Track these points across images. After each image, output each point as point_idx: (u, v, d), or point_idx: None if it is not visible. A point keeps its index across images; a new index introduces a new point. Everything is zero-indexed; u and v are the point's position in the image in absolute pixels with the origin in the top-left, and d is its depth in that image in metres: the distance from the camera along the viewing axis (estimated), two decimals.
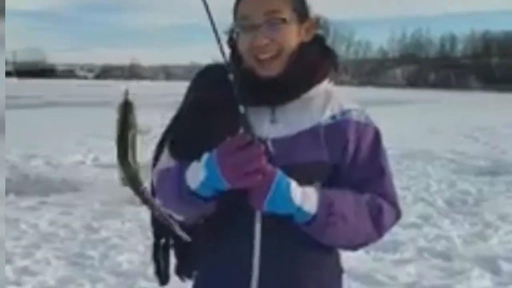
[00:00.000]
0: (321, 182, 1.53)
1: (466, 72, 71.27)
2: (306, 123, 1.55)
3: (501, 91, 48.56)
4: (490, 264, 5.03)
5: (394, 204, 1.60)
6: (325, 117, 1.56)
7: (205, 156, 1.46)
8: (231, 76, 1.46)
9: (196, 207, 1.53)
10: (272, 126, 1.55)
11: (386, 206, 1.57)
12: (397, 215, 1.63)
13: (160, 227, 1.68)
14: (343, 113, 1.58)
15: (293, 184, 1.45)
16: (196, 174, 1.47)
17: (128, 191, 8.04)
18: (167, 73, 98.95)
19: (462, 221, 6.53)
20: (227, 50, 1.59)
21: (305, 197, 1.46)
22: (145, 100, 22.27)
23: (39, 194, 7.82)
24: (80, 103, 30.87)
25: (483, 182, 8.90)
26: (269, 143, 1.52)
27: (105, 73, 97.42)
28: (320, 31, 1.64)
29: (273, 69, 1.55)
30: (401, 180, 8.31)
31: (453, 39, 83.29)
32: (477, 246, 5.59)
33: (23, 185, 8.42)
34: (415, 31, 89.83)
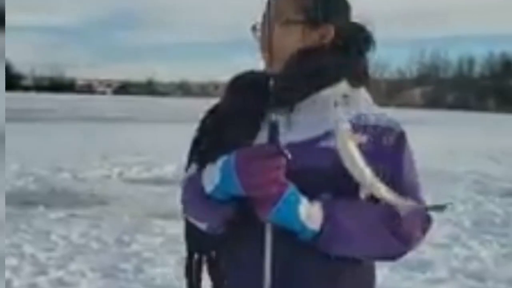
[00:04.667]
0: (332, 190, 1.47)
1: (484, 93, 71.00)
2: (319, 129, 1.50)
3: None
4: None
5: (421, 214, 1.50)
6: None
7: (221, 160, 1.46)
8: (272, 83, 1.53)
9: (214, 211, 1.52)
10: (287, 130, 1.51)
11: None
12: (425, 223, 1.53)
13: (193, 242, 1.66)
14: (359, 117, 1.51)
15: (303, 201, 1.43)
16: (212, 177, 1.47)
17: (154, 206, 8.15)
18: (185, 89, 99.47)
19: (492, 242, 6.51)
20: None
21: (310, 215, 1.43)
22: None
23: (67, 206, 7.90)
24: (99, 118, 31.13)
25: (509, 203, 8.87)
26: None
27: (123, 89, 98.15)
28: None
29: (274, 69, 1.56)
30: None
31: (471, 60, 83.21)
32: (509, 267, 5.57)
33: (51, 198, 8.52)
34: (433, 52, 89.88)
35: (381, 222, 1.45)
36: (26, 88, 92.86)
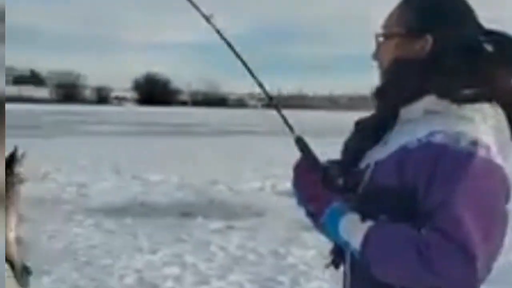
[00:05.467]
0: (392, 210, 1.41)
1: None
2: (395, 146, 1.46)
3: None
4: None
5: (456, 244, 1.30)
6: (412, 139, 1.42)
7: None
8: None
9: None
10: (382, 148, 1.51)
11: (437, 243, 1.31)
12: (465, 257, 1.30)
13: (338, 255, 1.63)
14: (428, 135, 1.40)
15: (349, 219, 1.46)
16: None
17: (307, 218, 8.14)
18: (333, 102, 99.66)
19: None
20: None
21: (354, 234, 1.44)
22: None
23: (224, 218, 8.17)
24: (250, 131, 31.95)
25: None
26: (371, 167, 1.49)
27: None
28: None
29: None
30: None
31: None
32: None
33: (209, 209, 8.85)
34: None
35: (413, 249, 1.34)
36: (184, 103, 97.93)
